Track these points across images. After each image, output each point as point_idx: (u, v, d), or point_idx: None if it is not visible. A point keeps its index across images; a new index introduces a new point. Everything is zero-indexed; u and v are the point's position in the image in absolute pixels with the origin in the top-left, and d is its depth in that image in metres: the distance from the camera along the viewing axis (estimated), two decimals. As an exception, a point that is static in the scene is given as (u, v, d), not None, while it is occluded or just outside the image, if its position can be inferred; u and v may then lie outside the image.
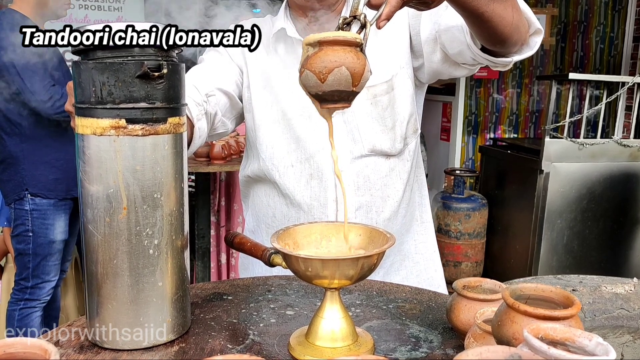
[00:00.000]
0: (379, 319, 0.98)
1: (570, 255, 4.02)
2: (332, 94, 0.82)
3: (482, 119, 5.33)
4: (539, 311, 0.61)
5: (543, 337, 0.58)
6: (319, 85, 0.80)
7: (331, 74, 0.80)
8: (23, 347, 0.56)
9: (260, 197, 1.43)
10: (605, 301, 1.17)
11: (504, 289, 0.68)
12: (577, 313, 0.62)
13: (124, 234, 0.83)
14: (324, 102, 0.84)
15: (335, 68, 0.79)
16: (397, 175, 1.37)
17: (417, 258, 1.47)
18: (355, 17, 0.88)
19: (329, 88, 0.81)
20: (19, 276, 2.63)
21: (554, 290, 0.68)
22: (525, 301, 0.68)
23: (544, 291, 0.68)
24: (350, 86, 0.81)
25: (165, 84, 0.83)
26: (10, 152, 2.50)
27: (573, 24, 5.43)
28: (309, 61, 0.80)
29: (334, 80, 0.80)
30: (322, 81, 0.80)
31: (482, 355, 0.51)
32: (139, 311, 0.85)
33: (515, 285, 0.68)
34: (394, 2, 0.86)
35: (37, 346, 0.56)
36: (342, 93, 0.82)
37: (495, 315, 0.67)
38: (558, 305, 0.66)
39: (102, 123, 0.81)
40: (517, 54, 1.18)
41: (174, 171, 0.87)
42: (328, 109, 0.85)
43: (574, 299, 0.64)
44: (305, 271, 0.82)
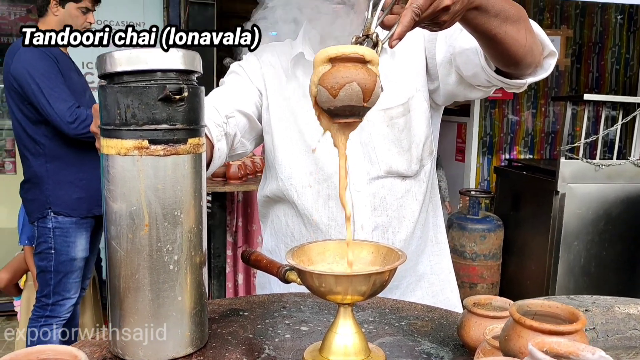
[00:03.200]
0: (391, 335, 1.00)
1: (587, 277, 3.98)
2: (343, 109, 0.85)
3: (497, 139, 5.35)
4: (544, 326, 0.63)
5: (548, 350, 0.60)
6: (330, 101, 0.84)
7: (342, 89, 0.83)
8: (54, 353, 0.60)
9: (278, 216, 1.46)
10: (618, 321, 1.17)
11: (511, 304, 0.70)
12: (582, 328, 0.64)
13: (146, 250, 0.87)
14: (336, 117, 0.87)
15: (346, 84, 0.82)
16: (413, 196, 1.39)
17: (432, 279, 1.48)
18: (367, 36, 0.91)
19: (341, 103, 0.84)
20: (40, 293, 2.68)
21: (560, 306, 0.70)
22: (532, 317, 0.70)
23: (550, 307, 0.70)
24: (362, 101, 0.84)
25: (186, 106, 0.87)
26: (35, 172, 2.58)
27: (588, 45, 5.45)
28: (321, 77, 0.84)
29: (345, 95, 0.83)
30: (334, 96, 0.83)
31: (488, 366, 0.53)
32: (159, 325, 0.88)
33: (522, 302, 0.70)
34: (405, 22, 0.88)
35: (67, 352, 0.59)
36: (353, 108, 0.85)
37: (502, 330, 0.69)
38: (564, 321, 0.68)
39: (126, 144, 0.85)
40: (531, 76, 1.20)
41: (194, 190, 0.90)
42: (340, 123, 0.88)
43: (579, 315, 0.66)
44: (320, 287, 0.85)
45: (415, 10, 0.88)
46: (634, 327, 1.18)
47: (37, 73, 2.38)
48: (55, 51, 2.51)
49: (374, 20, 0.92)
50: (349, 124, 0.90)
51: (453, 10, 0.92)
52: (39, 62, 2.41)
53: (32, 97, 2.41)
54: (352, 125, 0.90)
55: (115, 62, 0.86)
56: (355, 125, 0.91)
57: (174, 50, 0.89)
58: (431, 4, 0.89)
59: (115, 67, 0.87)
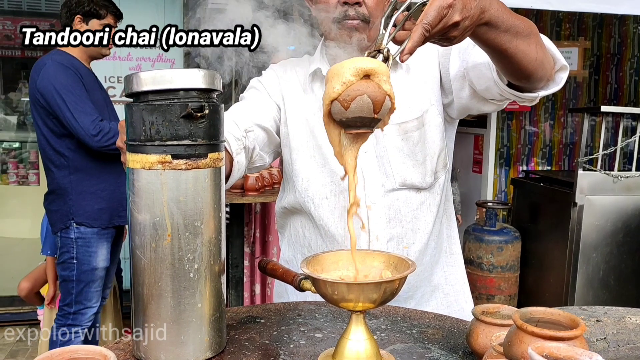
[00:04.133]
0: (402, 342, 1.03)
1: (607, 289, 3.95)
2: (354, 120, 0.89)
3: (514, 151, 5.34)
4: (545, 332, 0.66)
5: (547, 355, 0.63)
6: (342, 112, 0.89)
7: (354, 101, 0.87)
8: (86, 352, 0.65)
9: (296, 227, 1.51)
10: (629, 332, 1.18)
11: (514, 312, 0.74)
12: (581, 334, 0.67)
13: (168, 258, 0.92)
14: (348, 128, 0.92)
15: (357, 96, 0.87)
16: (427, 208, 1.42)
17: (447, 289, 1.51)
18: (379, 51, 0.96)
19: (352, 115, 0.88)
20: (62, 302, 2.75)
21: (561, 313, 0.73)
22: (535, 324, 0.73)
23: (553, 315, 0.73)
24: (372, 113, 0.88)
25: (207, 123, 0.93)
26: (58, 184, 2.66)
27: (606, 57, 5.44)
28: (333, 89, 0.89)
29: (356, 107, 0.88)
30: (346, 108, 0.88)
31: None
32: (180, 330, 0.93)
33: (526, 309, 0.73)
34: (416, 38, 0.92)
35: (97, 352, 0.64)
36: (364, 119, 0.89)
37: (506, 337, 0.72)
38: (565, 328, 0.71)
39: (151, 158, 0.90)
40: (544, 89, 1.23)
41: (213, 202, 0.95)
42: (351, 134, 0.93)
43: (579, 322, 0.69)
44: (333, 295, 0.89)
45: (425, 26, 0.91)
46: (645, 338, 1.19)
47: (62, 88, 2.46)
48: (79, 67, 2.60)
49: (386, 35, 0.96)
50: (360, 135, 0.94)
51: (463, 26, 0.95)
52: (64, 78, 2.49)
53: (57, 111, 2.49)
54: (363, 137, 0.95)
55: (141, 82, 0.92)
56: (366, 137, 0.95)
57: (195, 70, 0.94)
58: (441, 20, 0.92)
59: (141, 87, 0.92)
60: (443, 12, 0.92)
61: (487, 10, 0.99)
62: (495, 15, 1.01)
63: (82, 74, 2.58)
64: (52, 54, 2.62)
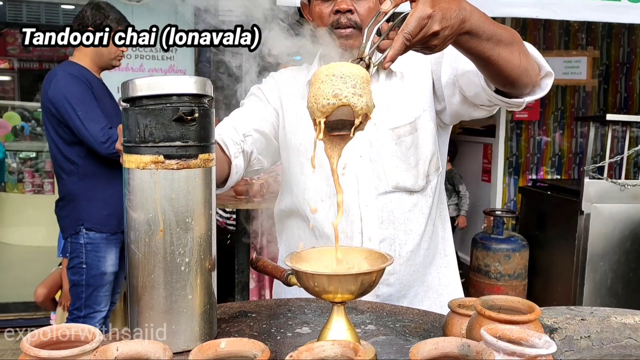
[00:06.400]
0: (385, 335, 1.08)
1: (615, 298, 3.94)
2: (336, 123, 0.95)
3: (523, 160, 5.36)
4: (501, 316, 0.71)
5: (501, 336, 0.68)
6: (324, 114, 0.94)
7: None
8: (76, 330, 0.71)
9: (292, 229, 1.56)
10: (613, 330, 1.21)
11: (476, 300, 0.79)
12: (535, 319, 0.72)
13: (160, 252, 0.98)
14: (331, 130, 0.97)
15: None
16: (419, 210, 1.47)
17: (440, 290, 1.55)
18: (361, 58, 1.01)
19: (334, 117, 0.94)
20: (72, 306, 2.82)
21: (521, 301, 0.78)
22: (498, 311, 0.78)
23: (513, 302, 0.78)
24: (352, 116, 0.94)
25: (197, 126, 0.99)
26: (68, 190, 2.74)
27: (615, 66, 5.45)
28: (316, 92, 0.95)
29: (338, 110, 0.93)
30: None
31: (438, 344, 0.61)
32: (172, 320, 0.99)
33: (488, 297, 0.78)
34: (397, 47, 0.97)
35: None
36: (345, 122, 0.95)
37: (469, 322, 0.77)
38: (524, 314, 0.76)
39: (144, 159, 0.97)
40: (530, 95, 1.27)
41: (204, 199, 1.01)
42: (334, 136, 0.98)
43: (535, 308, 0.74)
44: (314, 287, 0.94)
45: (406, 35, 0.97)
46: (629, 336, 1.22)
47: (72, 97, 2.55)
48: (89, 77, 2.68)
49: (368, 44, 1.02)
50: (342, 137, 1.00)
51: (443, 35, 1.00)
52: (75, 87, 2.58)
53: (68, 119, 2.57)
54: (344, 139, 1.00)
55: (136, 87, 0.99)
56: (347, 139, 1.00)
57: (187, 77, 1.01)
58: (421, 30, 0.97)
59: (136, 92, 0.99)
60: (423, 23, 0.97)
61: (467, 20, 1.04)
62: (476, 25, 1.06)
63: (92, 83, 2.66)
64: (63, 64, 2.71)
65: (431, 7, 0.97)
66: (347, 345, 0.62)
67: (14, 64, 9.66)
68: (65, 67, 2.68)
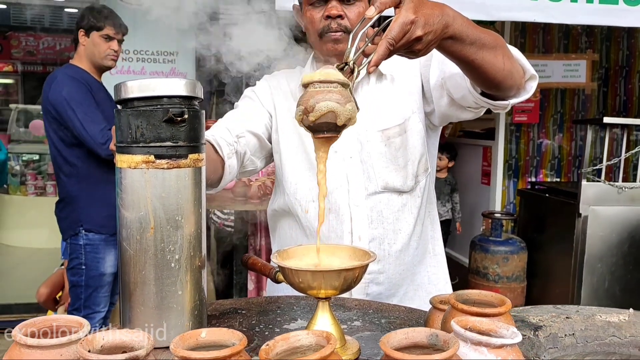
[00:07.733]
0: (370, 331, 1.11)
1: (612, 300, 3.95)
2: (320, 126, 0.98)
3: (522, 163, 5.38)
4: (473, 309, 0.74)
5: (471, 328, 0.70)
6: (307, 119, 0.98)
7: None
8: (65, 321, 0.74)
9: (284, 229, 1.60)
10: (597, 328, 1.23)
11: (451, 294, 0.82)
12: (506, 312, 0.75)
13: (151, 249, 1.01)
14: (316, 133, 1.01)
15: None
16: (408, 210, 1.50)
17: (430, 288, 1.58)
18: (346, 63, 1.05)
19: (319, 121, 0.97)
20: (72, 307, 2.85)
21: (494, 295, 0.81)
22: (472, 304, 0.81)
23: (486, 296, 0.81)
24: (335, 119, 0.97)
25: (187, 127, 1.02)
26: (68, 192, 2.77)
27: (615, 69, 5.48)
28: (301, 98, 0.98)
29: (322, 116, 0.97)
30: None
31: (408, 334, 0.64)
32: (162, 315, 1.02)
33: (462, 292, 0.81)
34: (381, 52, 1.00)
35: (74, 320, 0.74)
36: (329, 125, 0.98)
37: (444, 315, 0.80)
38: (496, 307, 0.79)
39: (136, 158, 1.00)
40: (515, 97, 1.31)
41: (193, 198, 1.04)
42: (319, 138, 1.02)
43: (505, 301, 0.77)
44: (300, 283, 0.97)
45: (389, 40, 1.00)
46: (612, 334, 1.25)
47: (72, 99, 2.59)
48: (89, 79, 2.73)
49: (353, 49, 1.05)
50: (328, 139, 1.03)
51: (426, 40, 1.04)
52: (74, 89, 2.62)
53: (67, 121, 2.61)
54: (330, 140, 1.03)
55: (128, 89, 1.02)
56: (333, 140, 1.03)
57: (177, 79, 1.04)
58: (404, 35, 1.01)
59: (128, 94, 1.02)
60: (406, 28, 1.00)
61: (450, 25, 1.07)
62: (459, 30, 1.09)
63: (92, 86, 2.70)
64: (63, 67, 2.76)
65: (414, 13, 1.00)
66: (320, 335, 0.65)
67: (18, 67, 9.79)
68: (65, 70, 2.72)
